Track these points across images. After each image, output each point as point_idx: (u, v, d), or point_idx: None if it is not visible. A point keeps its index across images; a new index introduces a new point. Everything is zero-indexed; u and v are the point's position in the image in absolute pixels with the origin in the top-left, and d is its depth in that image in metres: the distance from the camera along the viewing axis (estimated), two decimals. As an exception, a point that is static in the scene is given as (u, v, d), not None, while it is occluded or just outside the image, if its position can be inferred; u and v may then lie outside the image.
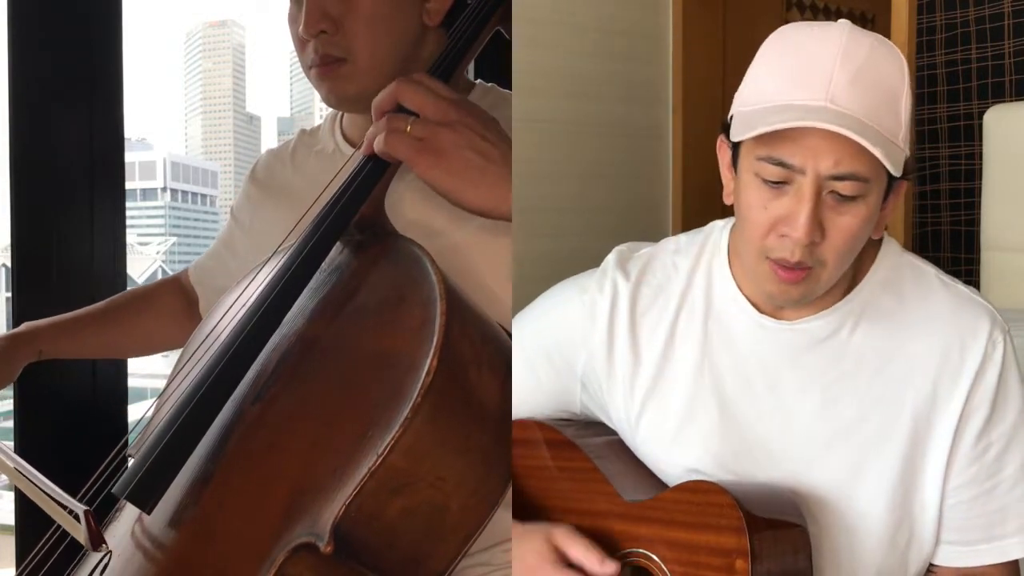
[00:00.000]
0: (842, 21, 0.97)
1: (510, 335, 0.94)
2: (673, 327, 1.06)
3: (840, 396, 1.01)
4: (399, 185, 1.04)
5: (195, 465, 0.92)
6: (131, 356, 1.63)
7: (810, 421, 1.01)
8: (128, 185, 1.75)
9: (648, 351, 1.07)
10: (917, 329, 1.01)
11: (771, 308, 1.03)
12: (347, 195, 1.00)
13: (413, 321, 0.86)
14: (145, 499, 0.89)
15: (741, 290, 1.04)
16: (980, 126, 2.18)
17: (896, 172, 0.91)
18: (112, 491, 0.92)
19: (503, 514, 0.88)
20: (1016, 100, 2.34)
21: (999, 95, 2.38)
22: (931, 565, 1.04)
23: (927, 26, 2.47)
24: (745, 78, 0.99)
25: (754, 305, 1.03)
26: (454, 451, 0.83)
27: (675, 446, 1.05)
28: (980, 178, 2.18)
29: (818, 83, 0.92)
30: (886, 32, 2.41)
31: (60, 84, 1.60)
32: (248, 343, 0.94)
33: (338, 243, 1.00)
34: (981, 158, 2.18)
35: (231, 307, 1.04)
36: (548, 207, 2.03)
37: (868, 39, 0.95)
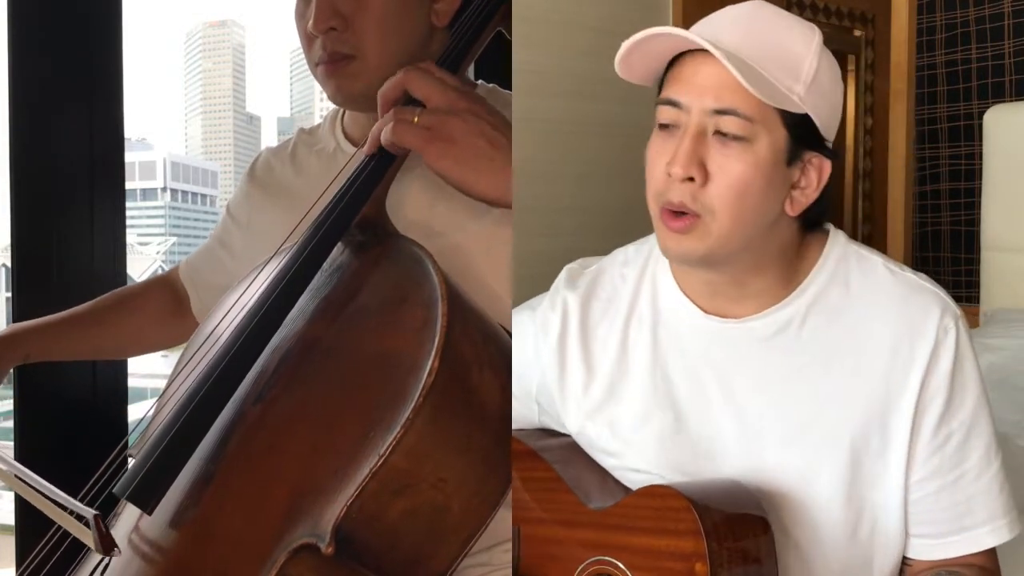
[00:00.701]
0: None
1: (510, 335, 0.94)
2: (624, 337, 1.07)
3: (793, 392, 1.01)
4: (400, 185, 1.04)
5: (195, 466, 0.91)
6: (118, 357, 1.61)
7: (764, 418, 1.01)
8: (128, 185, 1.75)
9: (601, 362, 1.07)
10: (866, 321, 1.00)
11: (716, 307, 1.03)
12: (349, 195, 1.00)
13: (415, 322, 0.86)
14: (146, 500, 0.89)
15: (685, 293, 1.04)
16: (980, 126, 2.18)
17: (759, 93, 0.91)
18: (113, 491, 0.92)
19: (503, 514, 0.88)
20: (1016, 100, 2.34)
21: (999, 95, 2.39)
22: (905, 558, 1.04)
23: (927, 26, 2.47)
24: None
25: (699, 307, 1.03)
26: (455, 452, 0.83)
27: (632, 453, 1.06)
28: (980, 178, 2.19)
29: (704, 28, 0.96)
30: (886, 32, 2.41)
31: (60, 84, 1.60)
32: (249, 344, 0.93)
33: (339, 243, 1.00)
34: (981, 158, 2.18)
35: (232, 307, 1.03)
36: (546, 207, 2.03)
37: (775, 13, 0.98)
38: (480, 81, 1.23)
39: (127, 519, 0.98)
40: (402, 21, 1.13)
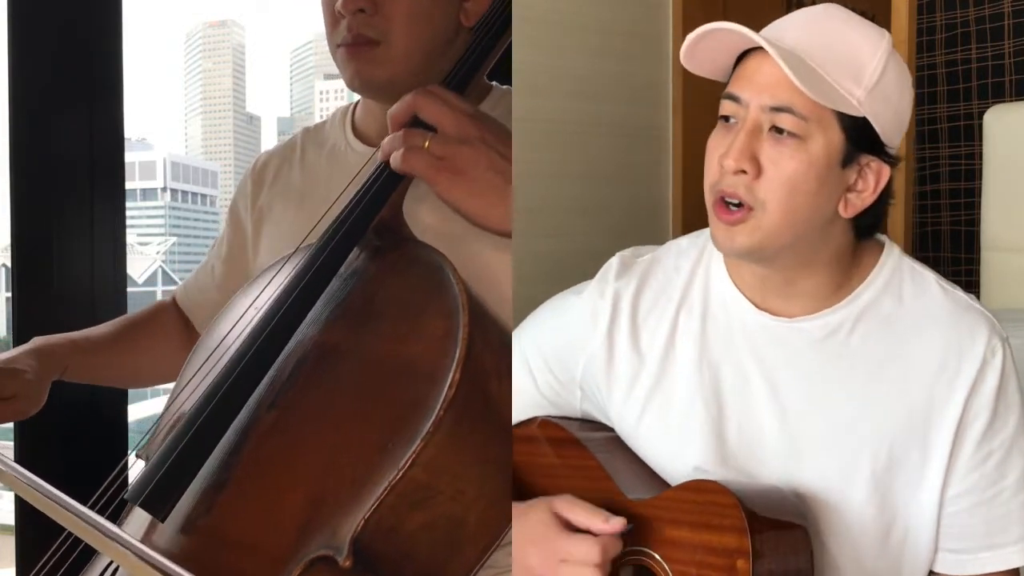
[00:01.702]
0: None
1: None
2: (673, 327, 1.07)
3: (837, 395, 1.01)
4: (418, 189, 1.02)
5: (207, 471, 0.90)
6: (135, 384, 1.48)
7: (805, 419, 1.02)
8: (128, 185, 1.75)
9: (650, 352, 1.07)
10: (915, 334, 1.01)
11: (768, 304, 1.03)
12: (366, 199, 0.98)
13: (435, 332, 0.85)
14: (160, 507, 0.88)
15: (738, 288, 1.05)
16: (980, 126, 2.18)
17: (812, 94, 0.92)
18: (125, 498, 0.90)
19: (505, 514, 0.87)
20: (1016, 100, 2.34)
21: (999, 95, 2.38)
22: (931, 572, 1.04)
23: (927, 26, 2.47)
24: None
25: (751, 302, 1.04)
26: (474, 463, 0.82)
27: (675, 444, 1.06)
28: (980, 178, 2.18)
29: (774, 28, 0.98)
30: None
31: (60, 84, 1.60)
32: (265, 348, 0.92)
33: (355, 248, 0.98)
34: (981, 158, 2.18)
35: (246, 311, 1.01)
36: (548, 207, 2.03)
37: (847, 15, 0.99)
38: (495, 83, 1.22)
39: (136, 524, 0.96)
40: (432, 13, 1.11)
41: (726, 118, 0.99)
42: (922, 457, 1.00)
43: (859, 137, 0.96)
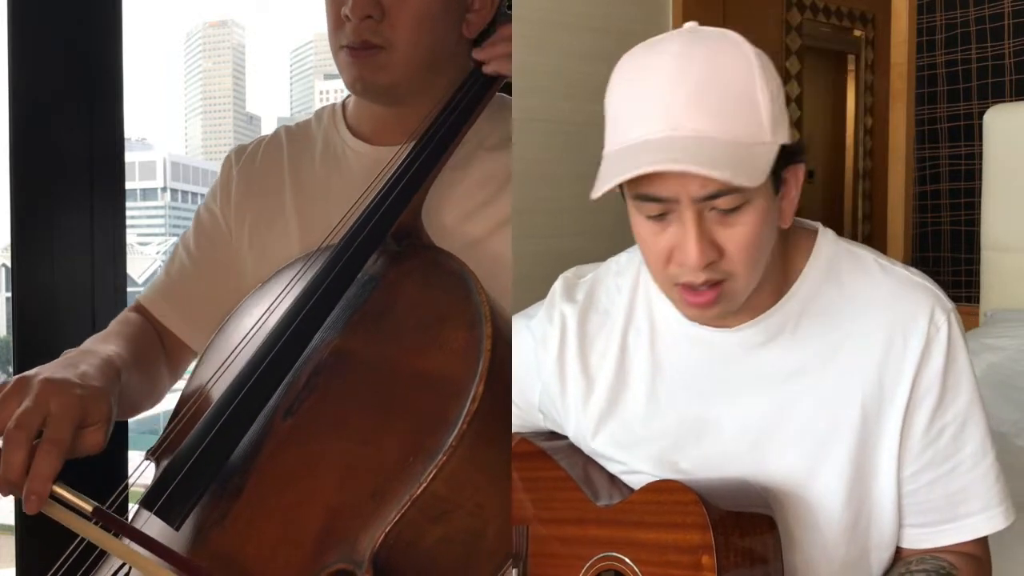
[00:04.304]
0: (680, 30, 0.93)
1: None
2: (622, 348, 1.06)
3: (791, 394, 1.00)
4: (436, 192, 1.02)
5: (222, 478, 0.88)
6: (148, 405, 1.18)
7: (764, 421, 1.01)
8: (128, 185, 1.75)
9: (601, 372, 1.07)
10: (859, 318, 0.99)
11: (713, 320, 1.01)
12: (387, 202, 0.97)
13: (457, 343, 0.84)
14: (175, 515, 0.86)
15: None
16: (980, 126, 2.18)
17: (752, 182, 0.87)
18: (140, 506, 0.89)
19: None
20: (1016, 100, 2.34)
21: (999, 95, 2.39)
22: (899, 548, 1.04)
23: (927, 26, 2.47)
24: (605, 106, 0.97)
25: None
26: (494, 477, 0.82)
27: (635, 461, 1.06)
28: (980, 178, 2.19)
29: (658, 111, 0.89)
30: (886, 32, 2.41)
31: (60, 84, 1.60)
32: (284, 353, 0.91)
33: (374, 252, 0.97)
34: (981, 158, 2.18)
35: (265, 314, 1.00)
36: (548, 207, 2.03)
37: (701, 45, 0.91)
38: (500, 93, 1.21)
39: (150, 528, 0.92)
40: (437, 23, 1.12)
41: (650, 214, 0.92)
42: (877, 439, 0.99)
43: (778, 163, 0.91)
